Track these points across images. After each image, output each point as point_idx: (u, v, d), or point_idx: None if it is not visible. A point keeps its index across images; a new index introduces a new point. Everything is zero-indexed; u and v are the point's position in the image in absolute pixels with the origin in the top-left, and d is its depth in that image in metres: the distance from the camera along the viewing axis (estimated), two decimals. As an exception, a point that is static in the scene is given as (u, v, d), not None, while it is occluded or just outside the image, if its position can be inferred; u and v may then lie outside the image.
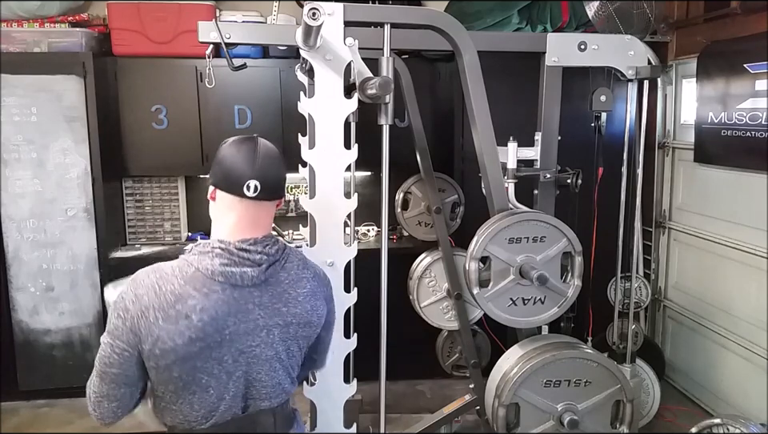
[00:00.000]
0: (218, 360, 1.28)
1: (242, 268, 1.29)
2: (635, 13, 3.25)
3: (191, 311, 1.24)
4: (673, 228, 3.81)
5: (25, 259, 3.50)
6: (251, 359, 1.32)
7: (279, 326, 1.35)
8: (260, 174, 1.32)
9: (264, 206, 1.36)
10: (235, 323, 1.29)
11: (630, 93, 2.58)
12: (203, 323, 1.24)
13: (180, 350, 1.24)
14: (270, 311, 1.33)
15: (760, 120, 2.93)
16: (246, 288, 1.30)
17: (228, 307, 1.27)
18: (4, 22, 3.47)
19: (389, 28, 1.80)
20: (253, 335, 1.31)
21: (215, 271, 1.27)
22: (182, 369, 1.26)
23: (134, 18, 3.52)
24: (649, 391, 3.23)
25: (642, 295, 3.47)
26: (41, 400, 3.61)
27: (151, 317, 1.23)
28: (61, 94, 3.39)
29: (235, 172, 1.31)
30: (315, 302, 1.42)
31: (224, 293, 1.27)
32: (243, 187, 1.31)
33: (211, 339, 1.26)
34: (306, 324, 1.39)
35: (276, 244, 1.37)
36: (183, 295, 1.25)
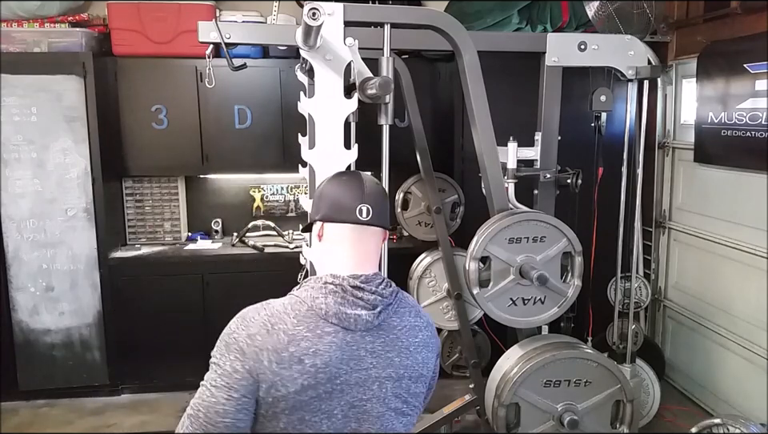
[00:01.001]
0: (328, 414, 1.15)
1: (355, 310, 1.18)
2: (635, 13, 3.25)
3: (304, 355, 1.12)
4: (673, 228, 3.81)
5: (25, 259, 3.49)
6: (361, 416, 1.19)
7: (392, 379, 1.22)
8: (370, 199, 1.25)
9: (375, 234, 1.28)
10: (347, 371, 1.16)
11: (630, 93, 2.58)
12: (316, 369, 1.13)
13: (290, 398, 1.12)
14: (383, 361, 1.21)
15: (760, 120, 2.93)
16: (358, 333, 1.18)
17: (341, 353, 1.16)
18: (4, 22, 3.47)
19: (389, 28, 1.80)
20: (365, 388, 1.19)
21: (329, 312, 1.16)
22: (289, 420, 1.13)
23: (134, 18, 3.51)
24: (649, 391, 3.23)
25: (642, 295, 3.47)
26: (41, 400, 3.61)
27: (266, 360, 1.11)
28: (61, 94, 3.38)
29: (346, 200, 1.25)
30: (427, 354, 1.29)
31: (337, 337, 1.16)
32: (356, 212, 1.23)
33: (323, 388, 1.14)
34: (417, 378, 1.26)
35: (391, 286, 1.27)
36: (296, 337, 1.13)
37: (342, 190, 1.28)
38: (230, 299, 3.58)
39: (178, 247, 3.82)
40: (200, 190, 4.10)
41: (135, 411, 3.53)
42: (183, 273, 3.63)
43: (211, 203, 4.12)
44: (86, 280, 3.55)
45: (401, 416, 1.25)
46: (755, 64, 2.94)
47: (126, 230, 3.90)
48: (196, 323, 3.61)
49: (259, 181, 4.11)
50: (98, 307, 3.58)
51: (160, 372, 3.69)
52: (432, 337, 1.33)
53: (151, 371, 3.69)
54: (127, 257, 3.65)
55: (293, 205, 4.13)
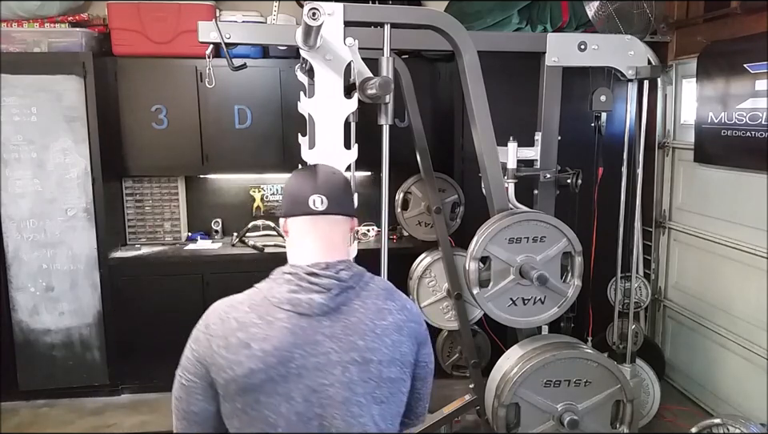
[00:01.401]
0: (285, 397, 1.16)
1: (309, 295, 1.19)
2: (635, 13, 3.25)
3: (252, 340, 1.16)
4: (673, 228, 3.81)
5: (25, 259, 3.49)
6: (325, 401, 1.17)
7: (357, 363, 1.19)
8: (323, 189, 1.27)
9: (336, 222, 1.29)
10: (303, 355, 1.16)
11: (630, 93, 2.58)
12: (264, 353, 1.15)
13: (240, 381, 1.15)
14: (345, 345, 1.18)
15: (760, 120, 2.93)
16: (314, 317, 1.18)
17: (293, 338, 1.16)
18: (4, 22, 3.47)
19: (389, 28, 1.80)
20: (325, 372, 1.17)
21: (282, 299, 1.19)
22: (245, 401, 1.16)
23: (134, 18, 3.51)
24: (649, 391, 3.23)
25: (642, 295, 3.46)
26: (41, 400, 3.61)
27: (214, 345, 1.18)
28: (61, 94, 3.38)
29: (300, 192, 1.28)
30: (399, 337, 1.25)
31: (289, 322, 1.17)
32: (309, 203, 1.26)
33: (274, 371, 1.15)
34: (390, 362, 1.22)
35: (352, 269, 1.26)
36: (246, 323, 1.18)
37: (297, 184, 1.30)
38: (230, 299, 3.58)
39: (177, 247, 3.82)
40: (200, 190, 4.10)
41: (135, 411, 3.53)
42: (183, 273, 3.63)
43: (211, 203, 4.12)
44: (85, 280, 3.55)
45: (375, 404, 1.21)
46: (755, 64, 2.94)
47: (126, 230, 3.90)
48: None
49: (259, 181, 4.11)
50: (98, 307, 3.58)
51: (160, 372, 3.68)
52: (409, 322, 1.28)
53: (151, 371, 3.68)
54: (127, 257, 3.65)
55: (293, 205, 4.13)
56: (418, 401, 1.37)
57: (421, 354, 1.32)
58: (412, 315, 1.30)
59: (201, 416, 1.21)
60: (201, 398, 1.20)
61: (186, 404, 1.21)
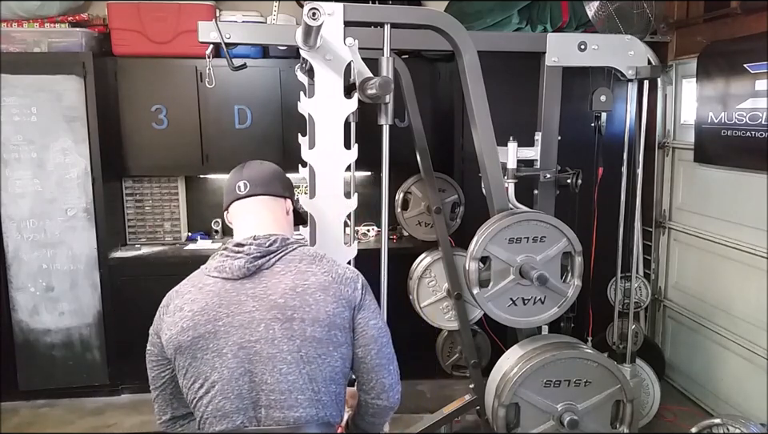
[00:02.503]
0: (218, 352, 1.29)
1: (233, 261, 1.33)
2: (635, 13, 3.25)
3: (185, 304, 1.33)
4: (673, 228, 3.81)
5: (25, 259, 3.50)
6: (253, 357, 1.28)
7: (279, 320, 1.28)
8: (247, 175, 1.48)
9: (262, 202, 1.46)
10: (228, 314, 1.30)
11: (630, 93, 2.58)
12: (193, 313, 1.30)
13: (175, 339, 1.31)
14: (266, 304, 1.30)
15: (760, 120, 2.93)
16: (237, 281, 1.32)
17: (219, 299, 1.31)
18: (4, 22, 3.47)
19: (389, 28, 1.80)
20: (250, 329, 1.28)
21: (211, 268, 1.36)
22: (184, 358, 1.31)
23: (134, 18, 3.51)
24: (649, 391, 3.23)
25: (642, 295, 3.46)
26: (41, 400, 3.62)
27: (161, 313, 1.38)
28: (61, 94, 3.39)
29: (230, 184, 1.49)
30: (324, 296, 1.32)
31: (215, 286, 1.33)
32: (235, 189, 1.46)
33: (203, 329, 1.29)
34: (313, 321, 1.30)
35: (277, 241, 1.37)
36: (182, 292, 1.36)
37: (229, 179, 1.52)
38: (230, 299, 3.58)
39: (178, 247, 3.82)
40: (200, 190, 4.10)
41: (135, 411, 3.53)
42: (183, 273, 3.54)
43: (211, 203, 4.12)
44: (85, 280, 3.55)
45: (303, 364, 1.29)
46: (755, 64, 2.94)
47: (126, 230, 3.90)
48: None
49: (259, 181, 4.10)
50: (98, 307, 3.58)
51: (160, 372, 3.69)
52: (336, 283, 1.35)
53: (151, 371, 3.68)
54: (127, 257, 3.65)
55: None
56: (369, 373, 1.39)
57: (357, 317, 1.37)
58: (341, 279, 1.37)
59: (158, 380, 1.40)
60: (155, 364, 1.39)
61: (149, 372, 1.41)
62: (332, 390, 1.34)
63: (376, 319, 1.41)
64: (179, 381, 1.36)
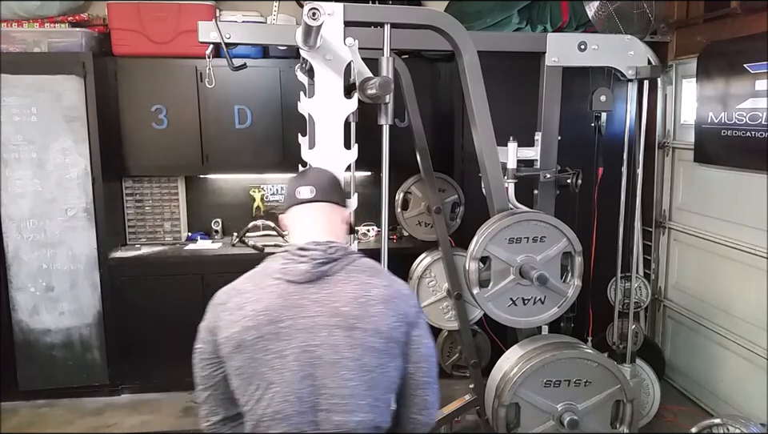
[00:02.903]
0: (278, 354, 1.28)
1: (297, 265, 1.33)
2: (635, 13, 3.25)
3: (246, 303, 1.32)
4: (673, 228, 3.81)
5: (25, 259, 3.49)
6: (315, 361, 1.28)
7: (341, 328, 1.29)
8: (309, 181, 1.46)
9: (322, 209, 1.45)
10: (291, 317, 1.29)
11: (630, 93, 2.58)
12: (255, 313, 1.29)
13: (235, 337, 1.29)
14: (329, 310, 1.30)
15: (760, 120, 2.93)
16: (300, 284, 1.32)
17: (282, 300, 1.30)
18: (4, 22, 3.47)
19: (389, 28, 1.80)
20: (313, 334, 1.28)
21: (274, 269, 1.35)
22: (242, 358, 1.30)
23: (134, 18, 3.51)
24: (649, 391, 3.23)
25: (642, 295, 3.46)
26: (41, 400, 3.61)
27: (217, 311, 1.36)
28: (61, 94, 3.38)
29: (291, 189, 1.47)
30: (384, 309, 1.32)
31: (278, 287, 1.32)
32: (296, 193, 1.44)
33: (265, 329, 1.29)
34: (375, 332, 1.30)
35: (340, 249, 1.37)
36: (242, 291, 1.36)
37: (291, 183, 1.50)
38: (230, 299, 3.58)
39: (178, 247, 3.82)
40: (200, 190, 4.10)
41: (135, 411, 3.53)
42: (183, 273, 3.63)
43: (211, 203, 4.12)
44: (85, 280, 3.55)
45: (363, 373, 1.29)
46: (755, 64, 2.94)
47: (126, 230, 3.90)
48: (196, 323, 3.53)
49: (259, 181, 4.11)
50: (98, 307, 3.58)
51: (160, 372, 3.69)
52: (396, 299, 1.35)
53: (151, 371, 3.69)
54: (127, 257, 3.65)
55: (293, 205, 4.12)
56: (416, 388, 1.40)
57: (411, 334, 1.37)
58: (400, 295, 1.37)
59: (210, 380, 1.37)
60: (207, 363, 1.36)
61: (198, 370, 1.38)
62: (386, 398, 1.36)
63: (428, 339, 1.42)
64: (232, 381, 1.33)
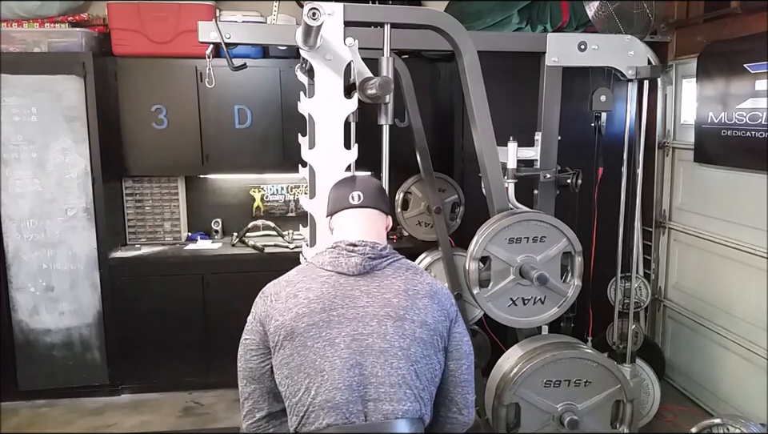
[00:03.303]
0: (330, 341, 1.33)
1: (347, 258, 1.41)
2: (635, 13, 3.25)
3: (299, 292, 1.38)
4: (673, 228, 3.81)
5: (25, 259, 3.49)
6: (365, 350, 1.33)
7: (391, 318, 1.36)
8: (360, 188, 1.52)
9: (371, 214, 1.52)
10: (343, 306, 1.36)
11: (630, 93, 2.58)
12: (308, 301, 1.36)
13: (288, 324, 1.35)
14: (379, 301, 1.37)
15: (760, 120, 2.93)
16: (351, 277, 1.40)
17: (334, 290, 1.37)
18: (4, 22, 3.47)
19: (389, 28, 1.80)
20: (363, 323, 1.35)
21: (324, 262, 1.43)
22: (294, 347, 1.34)
23: (134, 18, 3.51)
24: (649, 391, 3.23)
25: (642, 295, 3.46)
26: (41, 400, 3.61)
27: (269, 301, 1.41)
28: (61, 94, 3.38)
29: (342, 193, 1.53)
30: (430, 303, 1.41)
31: (330, 278, 1.40)
32: (349, 199, 1.51)
33: (318, 317, 1.34)
34: (422, 324, 1.38)
35: (387, 248, 1.47)
36: (294, 281, 1.42)
37: (340, 187, 1.56)
38: (230, 299, 3.57)
39: (178, 247, 3.82)
40: (200, 190, 4.10)
41: (135, 411, 3.53)
42: (183, 273, 3.63)
43: (211, 203, 4.12)
44: (85, 280, 3.55)
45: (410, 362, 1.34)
46: (755, 64, 2.94)
47: (126, 230, 3.89)
48: (196, 323, 3.61)
49: (259, 181, 4.11)
50: (98, 307, 3.58)
51: (160, 372, 3.69)
52: (438, 295, 1.44)
53: (151, 371, 3.68)
54: (127, 257, 3.65)
55: (293, 205, 4.13)
56: (456, 386, 1.45)
57: (453, 331, 1.45)
58: (442, 292, 1.47)
59: (256, 372, 1.42)
60: (255, 354, 1.41)
61: (244, 362, 1.43)
62: (430, 390, 1.40)
63: (467, 337, 1.50)
64: (279, 373, 1.37)
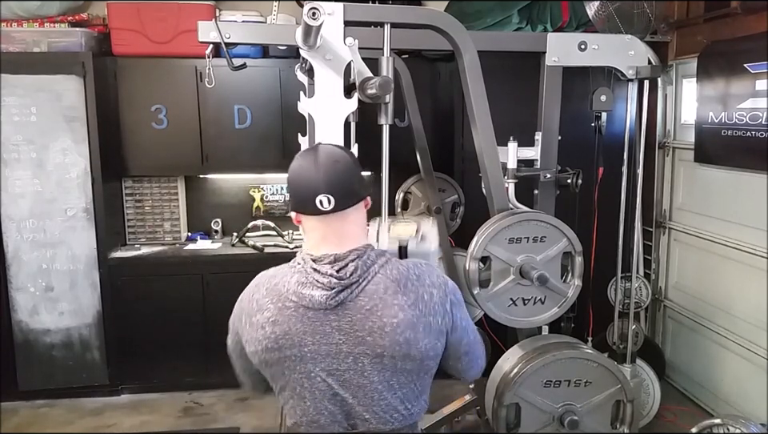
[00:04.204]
0: (306, 375, 1.25)
1: (311, 291, 1.22)
2: (635, 13, 3.24)
3: (266, 323, 1.25)
4: (673, 228, 3.81)
5: (25, 259, 3.49)
6: (343, 384, 1.24)
7: (368, 355, 1.22)
8: (329, 187, 1.23)
9: (346, 216, 1.27)
10: (314, 343, 1.23)
11: (630, 93, 2.57)
12: (275, 336, 1.24)
13: (260, 355, 1.27)
14: (352, 338, 1.22)
15: (760, 120, 2.93)
16: (320, 310, 1.22)
17: (303, 326, 1.23)
18: (4, 22, 3.47)
19: (389, 28, 1.80)
20: (338, 360, 1.23)
21: (290, 290, 1.24)
22: (271, 372, 1.30)
23: (134, 18, 3.51)
24: (649, 391, 3.23)
25: (642, 295, 3.46)
26: (41, 400, 3.61)
27: (243, 321, 1.31)
28: (61, 94, 3.38)
29: (306, 191, 1.25)
30: (414, 335, 1.22)
31: (297, 311, 1.23)
32: (316, 204, 1.23)
33: (289, 351, 1.24)
34: (404, 357, 1.23)
35: (356, 263, 1.23)
36: (263, 307, 1.26)
37: (302, 180, 1.27)
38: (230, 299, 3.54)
39: (177, 247, 3.82)
40: (200, 190, 4.10)
41: (135, 411, 3.53)
42: (183, 273, 3.63)
43: (211, 203, 4.12)
44: (85, 280, 3.55)
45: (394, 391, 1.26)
46: (755, 64, 2.94)
47: (126, 230, 3.89)
48: (196, 323, 3.61)
49: (259, 181, 4.10)
50: (98, 307, 3.58)
51: (160, 372, 3.69)
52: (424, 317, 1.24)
53: (151, 371, 3.68)
54: (127, 257, 3.65)
55: (293, 205, 4.12)
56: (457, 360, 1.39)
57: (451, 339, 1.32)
58: (429, 309, 1.25)
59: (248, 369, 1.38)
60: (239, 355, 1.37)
61: (234, 358, 1.40)
62: (423, 400, 1.34)
63: (467, 335, 1.37)
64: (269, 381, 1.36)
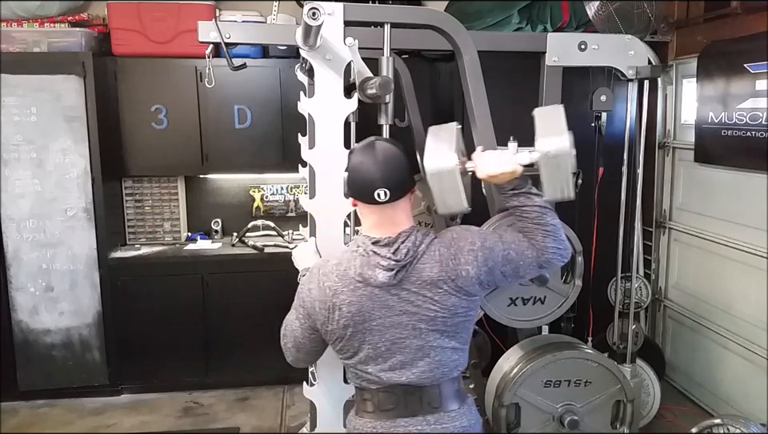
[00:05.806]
0: (372, 345, 1.52)
1: (374, 272, 1.48)
2: (635, 13, 3.24)
3: (342, 304, 1.50)
4: (673, 228, 3.81)
5: (24, 259, 3.49)
6: (404, 349, 1.51)
7: (425, 321, 1.50)
8: (386, 180, 1.49)
9: (397, 204, 1.53)
10: (381, 316, 1.50)
11: (630, 93, 2.57)
12: (351, 314, 1.50)
13: (336, 333, 1.53)
14: (412, 307, 1.50)
15: (760, 120, 2.93)
16: (383, 287, 1.49)
17: (372, 303, 1.50)
18: (4, 22, 3.47)
19: (389, 28, 1.80)
20: (400, 329, 1.51)
21: (356, 273, 1.50)
22: (342, 346, 1.55)
23: (134, 18, 3.51)
24: (649, 391, 3.23)
25: (642, 295, 3.46)
26: (41, 400, 3.61)
27: (317, 307, 1.54)
28: (61, 94, 3.38)
29: (365, 183, 1.50)
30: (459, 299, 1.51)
31: (366, 290, 1.50)
32: (374, 196, 1.49)
33: (361, 326, 1.51)
34: (453, 315, 1.51)
35: (407, 245, 1.49)
36: (337, 291, 1.51)
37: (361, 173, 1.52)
38: (230, 299, 3.58)
39: (177, 247, 3.82)
40: (200, 190, 4.10)
41: (135, 411, 3.53)
42: (183, 273, 3.63)
43: (211, 203, 4.12)
44: (85, 280, 3.55)
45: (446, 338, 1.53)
46: (755, 64, 2.94)
47: (126, 230, 3.89)
48: (196, 323, 3.61)
49: (259, 181, 4.11)
50: (98, 307, 3.58)
51: (160, 372, 3.69)
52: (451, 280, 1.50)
53: (151, 371, 3.69)
54: (127, 257, 3.65)
55: (293, 205, 4.13)
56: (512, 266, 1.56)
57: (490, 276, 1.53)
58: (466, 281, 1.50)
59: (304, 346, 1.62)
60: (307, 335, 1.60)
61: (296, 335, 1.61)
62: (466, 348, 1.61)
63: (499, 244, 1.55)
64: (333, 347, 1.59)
